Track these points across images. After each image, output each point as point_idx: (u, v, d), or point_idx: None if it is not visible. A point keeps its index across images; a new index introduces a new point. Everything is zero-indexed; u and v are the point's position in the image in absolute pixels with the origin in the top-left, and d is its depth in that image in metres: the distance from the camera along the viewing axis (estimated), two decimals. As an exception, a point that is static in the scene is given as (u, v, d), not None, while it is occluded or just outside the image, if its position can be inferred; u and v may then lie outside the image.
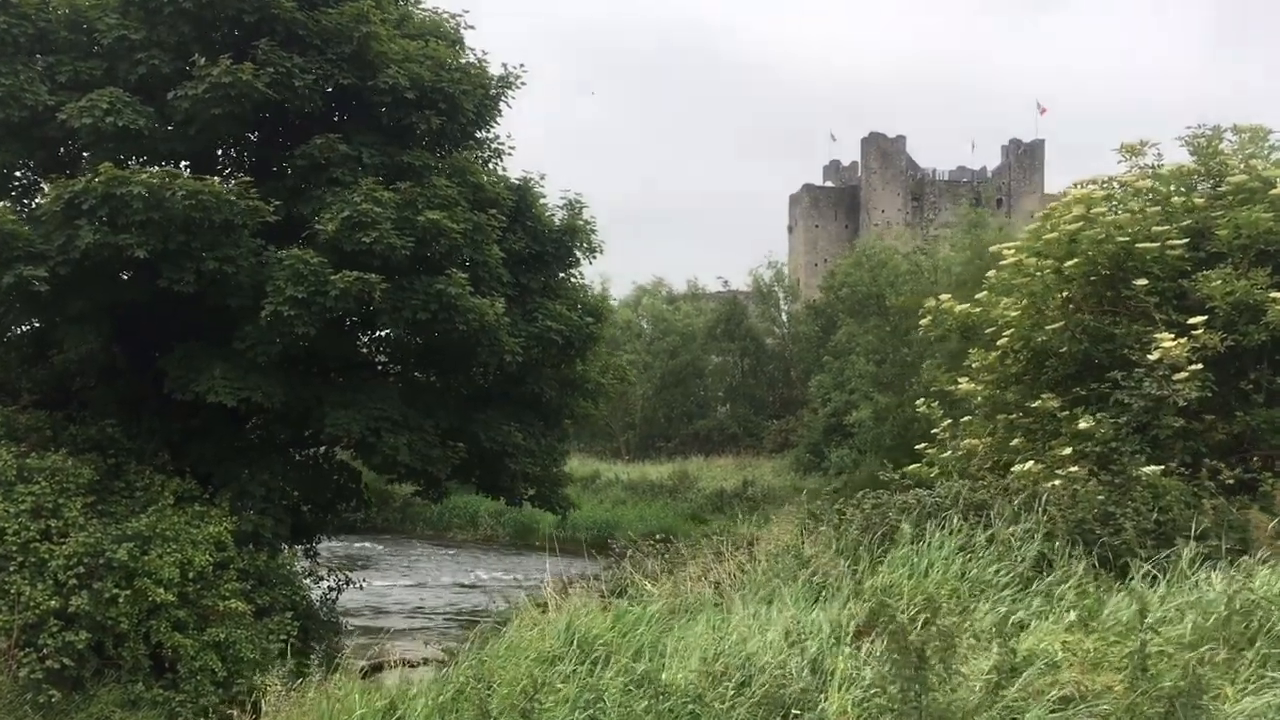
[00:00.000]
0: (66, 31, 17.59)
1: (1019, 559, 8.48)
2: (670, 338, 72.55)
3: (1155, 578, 7.97)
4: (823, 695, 6.74)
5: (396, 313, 17.12)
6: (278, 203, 16.90)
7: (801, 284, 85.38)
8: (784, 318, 79.06)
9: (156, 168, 17.14)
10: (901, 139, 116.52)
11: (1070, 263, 10.91)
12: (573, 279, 21.38)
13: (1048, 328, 11.21)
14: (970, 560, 8.47)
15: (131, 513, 15.96)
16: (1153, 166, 11.90)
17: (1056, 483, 10.25)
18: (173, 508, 16.29)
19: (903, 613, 8.03)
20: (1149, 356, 10.10)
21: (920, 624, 7.89)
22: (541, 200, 20.68)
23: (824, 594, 9.00)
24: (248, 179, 16.84)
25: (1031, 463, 10.81)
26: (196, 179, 16.07)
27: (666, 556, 11.06)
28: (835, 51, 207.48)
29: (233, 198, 16.08)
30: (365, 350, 20.67)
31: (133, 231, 15.84)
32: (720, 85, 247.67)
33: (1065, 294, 11.15)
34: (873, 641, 7.98)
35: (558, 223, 20.79)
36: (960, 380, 13.80)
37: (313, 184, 17.95)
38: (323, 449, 20.87)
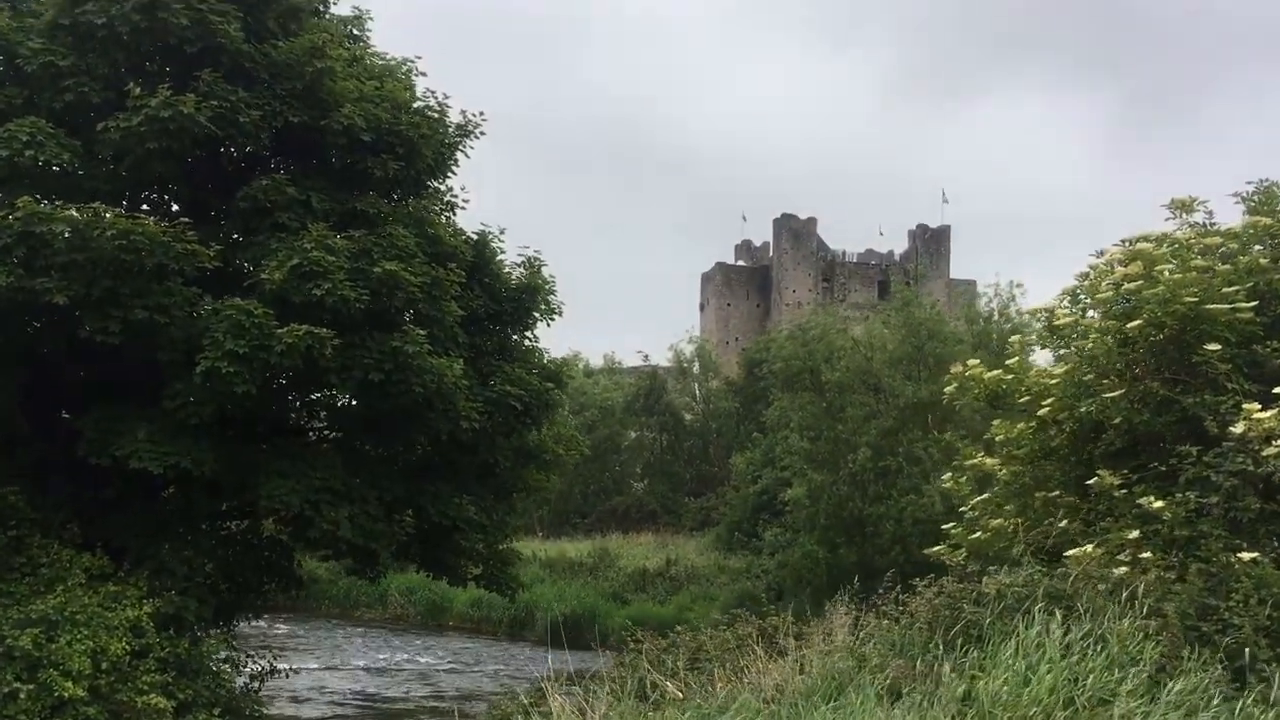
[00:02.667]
0: (-17, 55, 15.90)
1: (1136, 661, 7.28)
2: (588, 412, 70.81)
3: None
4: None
5: (347, 372, 15.56)
6: (218, 247, 15.30)
7: (715, 361, 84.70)
8: (699, 393, 78.15)
9: (75, 210, 15.43)
10: (812, 220, 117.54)
11: (1133, 324, 9.92)
12: (527, 341, 20.01)
13: (1102, 396, 10.16)
14: (1082, 662, 7.24)
15: (35, 593, 14.00)
16: (1204, 224, 11.09)
17: (1122, 570, 9.18)
18: (83, 587, 14.36)
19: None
20: (1233, 429, 9.10)
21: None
22: (500, 256, 19.35)
23: (896, 700, 7.70)
24: (185, 220, 15.19)
25: (1090, 546, 9.69)
26: (128, 218, 14.42)
27: (685, 653, 9.64)
28: (747, 138, 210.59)
29: (168, 239, 14.47)
30: (296, 415, 18.96)
31: (52, 274, 14.15)
32: (635, 175, 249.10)
33: (1126, 358, 10.13)
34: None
35: (514, 281, 19.47)
36: (978, 454, 12.72)
37: (255, 230, 16.37)
38: (246, 522, 18.96)
